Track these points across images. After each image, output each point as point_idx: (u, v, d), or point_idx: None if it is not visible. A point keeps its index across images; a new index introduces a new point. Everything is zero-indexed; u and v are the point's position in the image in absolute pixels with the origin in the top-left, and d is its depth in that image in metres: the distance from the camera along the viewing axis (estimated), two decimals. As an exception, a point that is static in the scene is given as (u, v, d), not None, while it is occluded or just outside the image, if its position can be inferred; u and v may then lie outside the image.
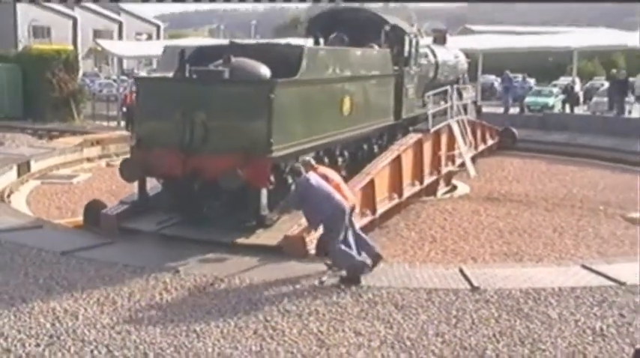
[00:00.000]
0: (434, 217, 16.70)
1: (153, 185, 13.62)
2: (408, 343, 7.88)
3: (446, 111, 20.50)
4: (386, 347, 7.77)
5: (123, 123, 31.94)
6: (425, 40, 22.20)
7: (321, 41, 18.57)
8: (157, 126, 12.94)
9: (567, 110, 35.83)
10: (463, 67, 26.39)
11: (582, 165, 24.76)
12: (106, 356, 7.49)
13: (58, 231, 13.26)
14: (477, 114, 27.12)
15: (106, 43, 52.79)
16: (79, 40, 57.00)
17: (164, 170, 12.64)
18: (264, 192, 12.02)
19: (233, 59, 12.44)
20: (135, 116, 16.00)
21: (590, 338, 8.08)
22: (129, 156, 13.61)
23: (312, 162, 10.85)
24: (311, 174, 10.25)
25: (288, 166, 12.23)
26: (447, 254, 13.81)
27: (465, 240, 14.82)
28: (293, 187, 10.70)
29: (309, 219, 10.38)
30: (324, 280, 9.86)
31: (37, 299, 9.09)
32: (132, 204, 13.40)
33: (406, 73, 18.14)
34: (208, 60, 12.86)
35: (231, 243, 11.72)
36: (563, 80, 43.79)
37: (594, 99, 37.10)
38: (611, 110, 33.08)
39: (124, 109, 32.30)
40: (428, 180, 18.56)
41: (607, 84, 38.36)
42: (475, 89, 30.84)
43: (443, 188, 19.89)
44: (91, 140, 25.81)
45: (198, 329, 8.22)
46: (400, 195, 16.44)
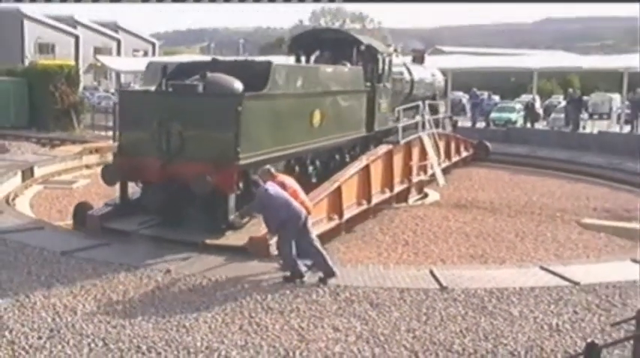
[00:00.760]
0: (406, 222, 16.71)
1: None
2: (382, 338, 7.89)
3: (419, 124, 20.48)
4: (361, 342, 7.77)
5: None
6: (400, 58, 22.23)
7: (302, 59, 18.58)
8: (137, 135, 13.05)
9: (528, 125, 36.07)
10: (440, 84, 26.46)
11: (542, 176, 24.88)
12: (103, 348, 7.45)
13: (59, 232, 13.16)
14: (452, 128, 27.20)
15: (105, 59, 52.58)
16: (81, 56, 56.75)
17: (143, 176, 12.84)
18: (232, 197, 12.05)
19: (209, 74, 12.57)
20: (117, 125, 15.99)
21: (548, 333, 8.13)
22: (110, 162, 13.84)
23: (272, 171, 10.79)
24: (269, 184, 10.22)
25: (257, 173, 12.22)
26: (418, 256, 13.81)
27: (435, 243, 14.83)
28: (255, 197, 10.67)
29: (268, 224, 10.40)
30: (304, 280, 9.88)
31: (39, 296, 9.06)
32: (115, 206, 13.44)
33: (379, 88, 18.13)
34: (189, 75, 12.94)
35: (202, 243, 11.72)
36: (525, 97, 44.12)
37: (552, 115, 37.44)
38: (567, 125, 33.36)
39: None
40: (398, 188, 18.51)
41: (564, 102, 38.69)
42: (445, 105, 30.91)
43: (415, 195, 19.87)
44: (90, 148, 25.62)
45: (187, 324, 8.18)
46: (369, 201, 16.37)
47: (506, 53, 66.32)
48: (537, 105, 39.17)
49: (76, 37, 58.99)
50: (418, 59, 25.74)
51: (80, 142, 28.16)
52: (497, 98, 43.24)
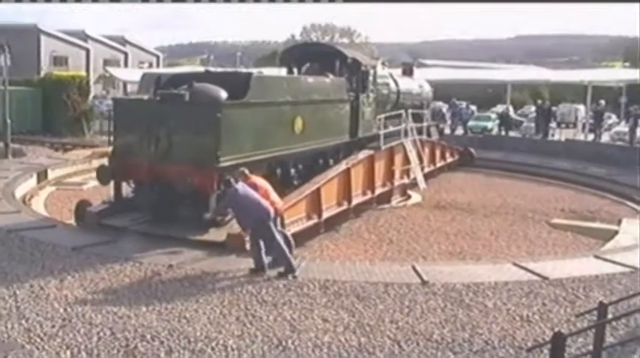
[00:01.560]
0: (391, 222, 16.71)
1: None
2: (368, 328, 7.89)
3: (404, 131, 20.33)
4: (349, 332, 7.76)
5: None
6: (386, 70, 22.15)
7: (294, 70, 18.53)
8: (129, 139, 13.20)
9: (503, 133, 36.10)
10: (428, 95, 26.32)
11: (514, 179, 24.95)
12: (110, 337, 7.43)
13: (70, 229, 13.09)
14: (439, 136, 27.06)
15: (113, 70, 52.36)
16: (91, 67, 56.52)
17: (134, 176, 13.08)
18: (213, 196, 12.03)
19: (195, 84, 12.67)
20: (112, 130, 16.00)
21: (519, 323, 8.16)
22: (104, 163, 14.08)
23: (246, 172, 10.81)
24: (240, 185, 10.21)
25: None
26: (401, 253, 13.81)
27: (417, 241, 14.84)
28: (225, 195, 10.64)
29: (240, 222, 10.44)
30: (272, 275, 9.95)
31: (52, 288, 9.05)
32: (110, 203, 13.55)
33: (362, 98, 18.05)
34: (182, 84, 13.01)
35: (187, 238, 11.77)
36: (500, 107, 44.20)
37: (524, 124, 37.49)
38: (537, 133, 33.45)
39: None
40: (380, 190, 18.41)
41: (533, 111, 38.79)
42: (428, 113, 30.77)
43: (398, 197, 19.84)
44: (99, 153, 25.44)
45: (188, 315, 8.16)
46: (349, 202, 16.30)
47: (482, 67, 66.64)
48: (511, 113, 39.23)
49: (87, 50, 58.84)
50: (407, 71, 25.72)
51: (90, 147, 28.04)
52: (474, 108, 43.25)
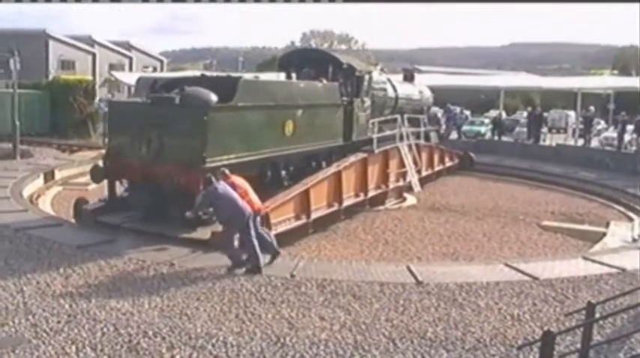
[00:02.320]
0: (386, 223, 16.71)
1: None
2: (364, 327, 7.89)
3: (399, 135, 20.20)
4: (345, 330, 7.76)
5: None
6: (383, 76, 22.07)
7: (293, 75, 18.51)
8: (122, 140, 13.31)
9: (496, 137, 36.08)
10: (428, 100, 26.17)
11: (507, 182, 24.98)
12: (114, 333, 7.43)
13: (76, 228, 13.07)
14: (438, 140, 26.85)
15: (118, 74, 52.37)
16: (97, 71, 56.54)
17: (127, 176, 13.27)
18: (199, 196, 11.96)
19: (187, 88, 12.76)
20: (107, 132, 16.08)
21: (510, 322, 8.16)
22: (98, 163, 14.30)
23: (226, 172, 10.83)
24: (219, 183, 10.26)
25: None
26: (396, 254, 13.82)
27: (412, 242, 14.85)
28: (204, 193, 10.64)
29: (218, 218, 10.53)
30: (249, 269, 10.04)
31: (58, 285, 9.05)
32: (105, 202, 13.71)
33: (357, 102, 17.94)
34: (176, 88, 13.10)
35: (176, 236, 11.83)
36: (493, 112, 44.19)
37: (517, 129, 37.49)
38: (529, 138, 33.46)
39: None
40: (373, 192, 18.26)
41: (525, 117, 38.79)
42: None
43: (393, 199, 19.75)
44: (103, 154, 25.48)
45: (189, 312, 8.15)
46: (340, 203, 16.21)
47: (476, 73, 66.68)
48: (504, 118, 39.25)
49: (94, 55, 58.87)
50: (408, 77, 25.68)
51: (95, 148, 27.98)
52: (468, 113, 43.26)
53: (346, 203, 16.53)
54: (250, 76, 18.17)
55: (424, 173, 22.71)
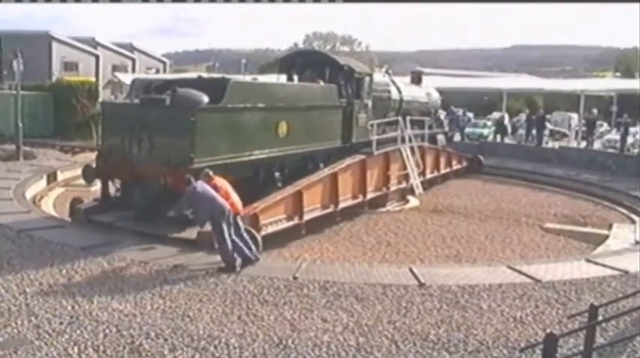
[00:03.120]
0: (389, 225, 16.70)
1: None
2: (366, 329, 7.88)
3: (401, 137, 20.06)
4: (347, 332, 7.75)
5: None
6: (386, 78, 22.00)
7: (295, 77, 18.49)
8: (114, 140, 13.47)
9: (498, 139, 36.03)
10: (436, 103, 26.06)
11: (509, 184, 24.94)
12: (116, 334, 7.43)
13: (78, 229, 13.05)
14: (447, 143, 26.63)
15: (121, 76, 52.40)
16: (100, 73, 56.62)
17: (118, 176, 13.44)
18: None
19: (178, 89, 12.86)
20: (100, 132, 16.19)
21: (512, 324, 8.14)
22: (90, 163, 14.51)
23: (210, 173, 10.86)
24: (198, 183, 10.30)
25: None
26: (399, 256, 13.80)
27: (414, 244, 14.83)
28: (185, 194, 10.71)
29: (196, 218, 10.54)
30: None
31: (60, 286, 9.06)
32: (99, 201, 13.91)
33: (357, 104, 17.88)
34: (169, 90, 13.17)
35: (166, 236, 11.93)
36: (495, 114, 44.18)
37: (519, 131, 37.46)
38: (527, 140, 33.39)
39: None
40: (372, 194, 18.13)
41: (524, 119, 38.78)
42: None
43: (394, 202, 19.61)
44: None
45: (191, 314, 8.15)
46: (336, 205, 16.13)
47: (479, 75, 66.62)
48: (506, 121, 39.23)
49: (97, 57, 58.98)
50: (416, 79, 25.62)
51: (98, 150, 28.02)
52: (471, 115, 43.26)
53: (342, 204, 16.42)
54: (250, 77, 18.15)
55: (429, 175, 22.62)
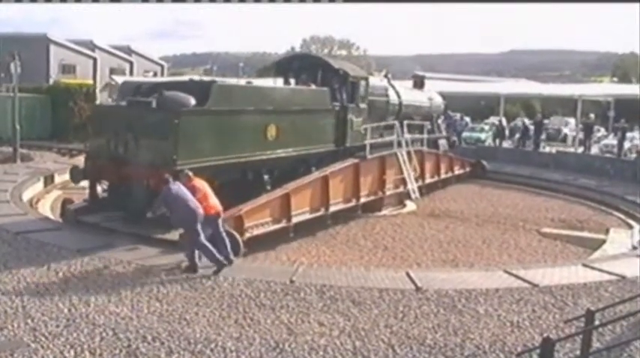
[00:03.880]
0: (386, 229, 16.71)
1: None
2: (363, 333, 7.87)
3: (397, 141, 19.97)
4: (344, 336, 7.74)
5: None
6: (385, 81, 22.01)
7: (292, 81, 18.46)
8: (101, 142, 13.62)
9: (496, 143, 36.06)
10: (439, 107, 26.04)
11: (506, 189, 24.97)
12: (113, 337, 7.40)
13: (75, 232, 13.03)
14: (450, 148, 26.56)
15: (118, 79, 52.48)
16: (98, 75, 56.66)
17: (105, 177, 13.64)
18: None
19: (166, 92, 12.99)
20: (88, 134, 16.40)
21: (509, 329, 8.15)
22: (78, 164, 14.82)
23: (189, 174, 10.89)
24: (174, 184, 10.32)
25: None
26: (396, 260, 13.81)
27: (411, 248, 14.84)
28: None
29: (171, 219, 10.55)
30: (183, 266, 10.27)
31: (57, 289, 9.04)
32: (88, 202, 14.10)
33: (351, 108, 17.79)
34: (158, 92, 13.27)
35: (150, 236, 12.03)
36: (493, 119, 44.27)
37: (517, 135, 37.51)
38: (523, 146, 33.40)
39: None
40: (365, 198, 18.04)
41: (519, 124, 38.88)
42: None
43: (390, 206, 19.52)
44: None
45: (188, 317, 8.14)
46: (327, 208, 16.10)
47: (476, 80, 66.82)
48: (504, 125, 39.33)
49: (95, 59, 59.01)
50: (418, 84, 25.61)
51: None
52: (468, 119, 43.34)
53: (334, 208, 16.38)
54: (243, 81, 18.24)
55: (428, 180, 22.56)
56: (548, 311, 8.85)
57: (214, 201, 10.74)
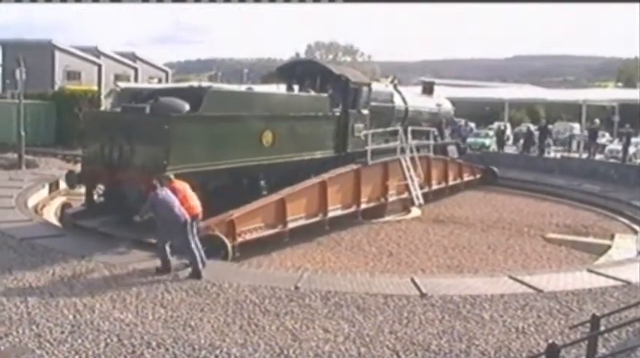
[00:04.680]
0: (391, 235, 16.70)
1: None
2: (367, 339, 7.86)
3: (401, 147, 19.91)
4: (349, 342, 7.73)
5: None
6: (390, 87, 22.01)
7: (295, 87, 18.48)
8: (96, 147, 13.74)
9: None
10: (448, 114, 26.00)
11: (511, 194, 24.95)
12: (117, 344, 7.41)
13: (79, 238, 13.05)
14: (460, 154, 26.45)
15: (123, 85, 52.65)
16: (103, 82, 56.80)
17: (100, 181, 13.87)
18: None
19: (162, 98, 13.18)
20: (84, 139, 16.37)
21: (514, 335, 8.12)
22: (74, 169, 14.98)
23: (171, 177, 10.97)
24: (161, 189, 10.39)
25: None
26: (400, 266, 13.81)
27: (416, 254, 14.83)
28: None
29: (157, 224, 10.56)
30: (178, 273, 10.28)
31: (62, 295, 9.05)
32: (85, 206, 14.30)
33: (352, 114, 17.79)
34: (155, 98, 13.46)
35: (141, 240, 11.99)
36: (497, 124, 44.24)
37: (521, 141, 37.47)
38: (527, 151, 33.37)
39: None
40: (366, 205, 18.01)
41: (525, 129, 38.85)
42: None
43: (394, 212, 19.43)
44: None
45: (193, 323, 8.14)
46: (325, 214, 16.10)
47: (481, 85, 66.78)
48: (508, 131, 39.33)
49: (99, 66, 59.18)
50: (427, 90, 25.61)
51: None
52: (473, 125, 43.34)
53: (332, 214, 16.35)
54: (244, 87, 18.28)
55: (435, 187, 22.46)
56: (554, 316, 8.82)
57: (195, 202, 10.85)
